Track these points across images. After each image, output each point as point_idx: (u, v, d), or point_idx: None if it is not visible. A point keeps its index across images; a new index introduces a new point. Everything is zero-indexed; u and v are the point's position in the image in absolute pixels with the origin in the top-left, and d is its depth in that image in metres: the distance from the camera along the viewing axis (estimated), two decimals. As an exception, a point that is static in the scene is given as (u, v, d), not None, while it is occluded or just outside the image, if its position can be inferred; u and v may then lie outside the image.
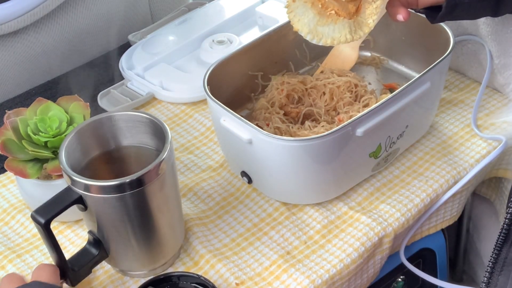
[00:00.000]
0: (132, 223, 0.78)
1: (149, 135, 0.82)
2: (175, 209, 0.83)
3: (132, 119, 0.82)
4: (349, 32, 0.80)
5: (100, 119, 0.82)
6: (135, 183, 0.75)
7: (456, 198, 0.98)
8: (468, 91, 1.08)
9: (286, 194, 0.92)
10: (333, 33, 0.80)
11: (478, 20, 1.01)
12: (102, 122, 0.82)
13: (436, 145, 0.99)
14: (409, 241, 0.97)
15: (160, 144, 0.79)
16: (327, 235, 0.89)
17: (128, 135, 0.83)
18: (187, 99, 1.08)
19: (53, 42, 1.17)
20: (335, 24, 0.80)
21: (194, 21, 1.20)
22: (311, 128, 0.93)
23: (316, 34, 0.81)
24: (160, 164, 0.76)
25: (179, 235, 0.86)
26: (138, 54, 1.13)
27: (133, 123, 0.82)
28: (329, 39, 0.81)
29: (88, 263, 0.80)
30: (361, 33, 0.81)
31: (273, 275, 0.85)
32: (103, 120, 0.82)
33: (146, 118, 0.81)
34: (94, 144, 0.82)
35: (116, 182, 0.74)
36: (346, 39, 0.81)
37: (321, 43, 0.82)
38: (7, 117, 0.87)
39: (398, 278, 1.02)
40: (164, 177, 0.77)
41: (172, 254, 0.85)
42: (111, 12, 1.23)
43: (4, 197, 0.97)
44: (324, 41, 0.81)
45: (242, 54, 0.97)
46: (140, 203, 0.77)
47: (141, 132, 0.82)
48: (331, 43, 0.81)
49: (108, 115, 0.82)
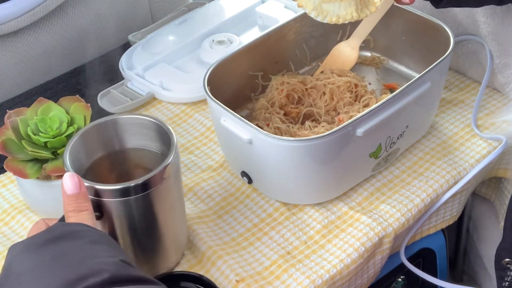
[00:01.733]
0: (135, 228, 0.78)
1: (154, 138, 0.82)
2: (179, 213, 0.83)
3: (137, 122, 0.81)
4: (356, 10, 0.77)
5: (105, 121, 0.81)
6: (140, 187, 0.74)
7: (456, 198, 0.98)
8: (468, 91, 1.08)
9: (286, 194, 0.92)
10: (339, 11, 0.78)
11: (478, 20, 1.01)
12: (106, 125, 0.81)
13: (436, 145, 0.99)
14: (409, 241, 0.97)
15: (165, 147, 0.79)
16: (327, 235, 0.89)
17: (132, 137, 0.83)
18: (187, 99, 1.08)
19: (53, 42, 1.17)
20: (341, 1, 0.77)
21: (194, 21, 1.20)
22: (311, 128, 0.93)
23: (321, 11, 0.78)
24: (165, 168, 0.75)
25: (182, 240, 0.86)
26: (138, 54, 1.13)
27: (138, 126, 0.82)
28: (334, 16, 0.78)
29: None
30: (368, 12, 0.79)
31: (273, 275, 0.85)
32: (108, 122, 0.81)
33: (151, 122, 0.81)
34: (98, 147, 0.82)
35: (120, 186, 0.73)
36: (352, 17, 0.78)
37: (326, 20, 0.79)
38: (7, 116, 0.87)
39: (398, 278, 1.02)
40: (169, 182, 0.77)
41: (175, 260, 0.85)
42: (111, 12, 1.22)
43: (4, 197, 0.97)
44: (329, 19, 0.79)
45: (242, 54, 0.97)
46: (144, 208, 0.76)
47: (146, 135, 0.82)
48: (336, 21, 0.79)
49: (113, 118, 0.82)
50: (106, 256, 0.63)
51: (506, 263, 0.87)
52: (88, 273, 0.59)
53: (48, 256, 0.62)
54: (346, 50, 1.04)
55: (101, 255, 0.63)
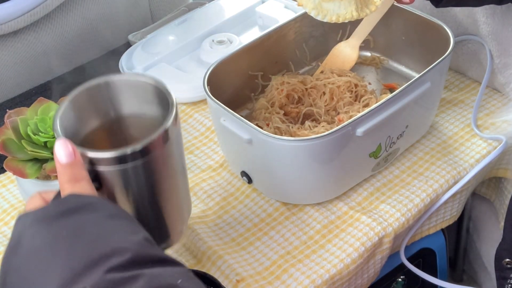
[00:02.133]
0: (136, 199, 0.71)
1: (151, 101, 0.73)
2: (182, 180, 0.76)
3: (131, 84, 0.73)
4: (356, 9, 0.77)
5: (97, 84, 0.72)
6: (139, 153, 0.66)
7: (456, 198, 0.98)
8: (468, 91, 1.08)
9: (286, 194, 0.92)
10: (339, 10, 0.77)
11: (478, 20, 1.01)
12: (99, 88, 0.72)
13: (436, 145, 0.99)
14: (409, 241, 0.97)
15: (164, 111, 0.71)
16: (327, 235, 0.89)
17: (128, 102, 0.74)
18: (187, 99, 1.08)
19: (53, 42, 1.17)
20: (341, 0, 0.77)
21: (194, 21, 1.20)
22: (311, 128, 0.93)
23: (320, 10, 0.78)
24: (165, 132, 0.67)
25: (186, 209, 0.79)
26: (138, 54, 1.13)
27: (134, 89, 0.73)
28: (334, 16, 0.78)
29: None
30: (368, 11, 0.79)
31: (273, 275, 0.85)
32: (100, 86, 0.72)
33: (147, 83, 0.72)
34: (91, 114, 0.73)
35: (117, 152, 0.66)
36: (352, 16, 0.78)
37: (326, 19, 0.79)
38: (7, 116, 0.87)
39: (398, 278, 1.02)
40: (170, 146, 0.69)
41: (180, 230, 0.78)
42: (111, 12, 1.23)
43: (4, 197, 0.97)
44: (329, 18, 0.78)
45: (242, 54, 0.97)
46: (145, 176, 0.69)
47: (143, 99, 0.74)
48: (336, 20, 0.78)
49: (105, 79, 0.72)
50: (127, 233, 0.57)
51: (506, 263, 0.87)
52: (110, 252, 0.53)
53: (64, 231, 0.56)
54: (346, 50, 1.04)
55: (121, 231, 0.57)
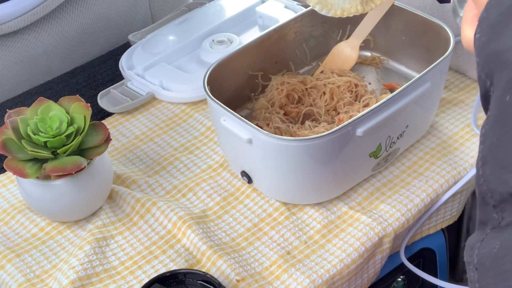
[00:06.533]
0: None
1: None
2: None
3: None
4: (360, 3, 0.76)
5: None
6: None
7: (456, 198, 0.98)
8: (468, 91, 1.08)
9: (286, 194, 0.92)
10: (343, 4, 0.76)
11: (478, 20, 1.01)
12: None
13: (436, 145, 0.99)
14: (409, 241, 0.96)
15: None
16: (327, 235, 0.89)
17: None
18: (187, 99, 1.08)
19: (53, 42, 1.17)
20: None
21: (194, 21, 1.20)
22: (311, 128, 0.93)
23: (325, 4, 0.77)
24: None
25: None
26: (138, 54, 1.13)
27: None
28: (339, 10, 0.77)
29: None
30: (373, 5, 0.78)
31: (273, 275, 0.85)
32: None
33: None
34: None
35: None
36: (356, 10, 0.77)
37: (330, 14, 0.78)
38: (7, 116, 0.87)
39: (398, 278, 1.02)
40: None
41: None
42: (111, 12, 1.23)
43: (4, 197, 0.97)
44: (334, 12, 0.77)
45: (242, 54, 0.97)
46: None
47: None
48: (340, 14, 0.77)
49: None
50: None
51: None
52: None
53: None
54: (346, 50, 1.04)
55: None
